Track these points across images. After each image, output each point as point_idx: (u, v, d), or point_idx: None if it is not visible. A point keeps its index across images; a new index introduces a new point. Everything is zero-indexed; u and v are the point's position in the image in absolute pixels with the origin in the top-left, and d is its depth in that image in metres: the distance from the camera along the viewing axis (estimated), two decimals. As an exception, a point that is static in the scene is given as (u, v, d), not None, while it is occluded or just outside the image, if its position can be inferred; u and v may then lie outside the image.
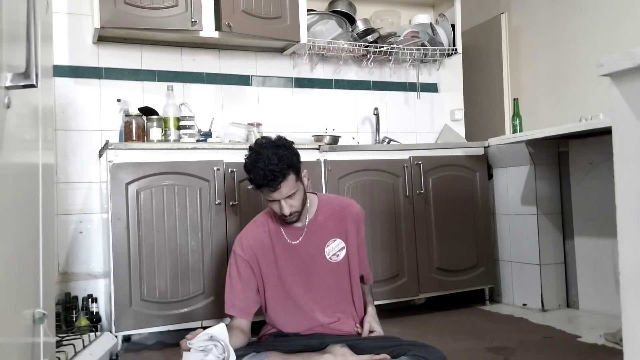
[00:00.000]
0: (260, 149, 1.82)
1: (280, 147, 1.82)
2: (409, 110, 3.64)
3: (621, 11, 3.14)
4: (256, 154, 1.82)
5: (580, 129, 2.49)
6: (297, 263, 1.97)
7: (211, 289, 2.53)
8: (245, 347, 1.85)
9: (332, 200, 2.09)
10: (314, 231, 1.99)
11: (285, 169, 1.79)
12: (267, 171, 1.77)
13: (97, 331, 2.41)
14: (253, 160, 1.82)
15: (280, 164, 1.78)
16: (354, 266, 2.03)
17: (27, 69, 1.07)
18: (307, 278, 1.97)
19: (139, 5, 2.68)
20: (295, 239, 1.98)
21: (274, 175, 1.77)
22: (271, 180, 1.78)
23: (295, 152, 1.88)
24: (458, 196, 3.07)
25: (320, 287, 1.98)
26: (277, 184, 1.80)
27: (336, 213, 2.04)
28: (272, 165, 1.77)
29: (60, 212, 2.74)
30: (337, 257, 2.00)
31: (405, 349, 1.80)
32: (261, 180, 1.80)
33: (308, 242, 1.98)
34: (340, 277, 2.01)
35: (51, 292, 1.47)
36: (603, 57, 1.16)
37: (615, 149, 1.17)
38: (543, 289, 2.96)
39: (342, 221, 2.03)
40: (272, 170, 1.77)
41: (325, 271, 1.99)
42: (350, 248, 2.02)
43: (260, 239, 1.98)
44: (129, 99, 2.90)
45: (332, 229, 2.01)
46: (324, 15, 3.31)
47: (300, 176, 1.89)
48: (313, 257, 1.98)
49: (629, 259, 1.14)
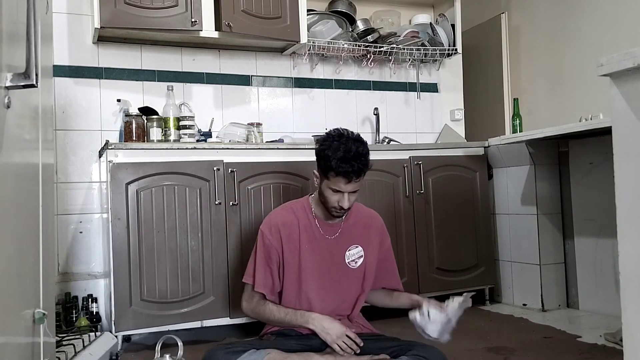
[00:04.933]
0: (348, 140, 1.83)
1: (362, 144, 1.85)
2: (409, 110, 3.64)
3: (621, 11, 3.14)
4: (345, 143, 1.82)
5: (580, 129, 2.49)
6: (317, 258, 1.97)
7: (211, 289, 2.53)
8: (245, 344, 1.86)
9: (359, 208, 2.09)
10: (345, 231, 2.01)
11: (368, 165, 1.84)
12: (359, 162, 1.80)
13: (97, 331, 2.41)
14: (343, 147, 1.81)
15: (366, 159, 1.83)
16: (368, 277, 2.03)
17: (27, 69, 1.07)
18: (323, 275, 1.97)
19: (139, 5, 2.68)
20: (331, 235, 1.99)
21: (361, 167, 1.81)
22: (357, 171, 1.81)
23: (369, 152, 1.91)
24: (458, 196, 3.07)
25: (332, 287, 1.98)
26: (360, 176, 1.83)
27: (362, 220, 2.05)
28: (359, 161, 1.80)
29: (60, 212, 2.74)
30: (355, 264, 2.00)
31: (405, 349, 1.80)
32: (348, 168, 1.80)
33: (338, 241, 1.99)
34: (352, 283, 2.01)
35: (51, 292, 1.47)
36: (603, 57, 1.16)
37: (615, 149, 1.18)
38: (543, 289, 2.96)
39: (367, 230, 2.05)
40: (363, 163, 1.81)
41: (341, 274, 1.99)
42: (368, 258, 2.02)
43: (289, 226, 1.98)
44: (129, 99, 2.90)
45: (356, 235, 2.02)
46: (324, 15, 3.31)
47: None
48: (335, 257, 1.99)
49: (629, 259, 1.14)
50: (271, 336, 1.98)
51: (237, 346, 1.82)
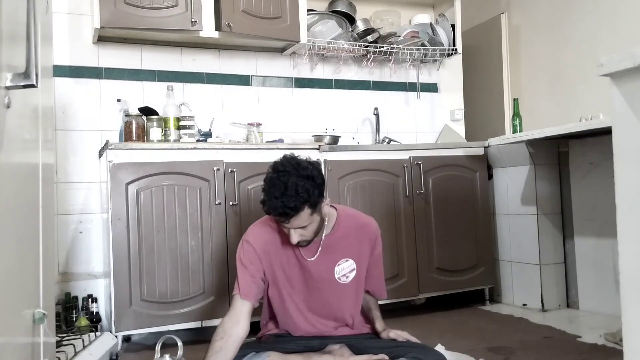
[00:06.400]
0: (281, 175, 1.70)
1: (302, 177, 1.69)
2: (409, 110, 3.64)
3: (621, 11, 3.13)
4: (276, 178, 1.70)
5: (580, 129, 2.49)
6: (304, 276, 1.90)
7: (211, 289, 2.53)
8: (245, 346, 1.85)
9: (351, 217, 1.97)
10: (328, 247, 1.89)
11: (299, 205, 1.67)
12: (280, 203, 1.66)
13: (97, 331, 2.41)
14: (270, 183, 1.72)
15: (297, 198, 1.66)
16: (361, 288, 1.97)
17: (27, 69, 1.07)
18: (310, 292, 1.91)
19: (139, 5, 2.68)
20: (310, 256, 1.87)
21: (285, 211, 1.67)
22: (281, 214, 1.69)
23: (319, 183, 1.74)
24: (458, 196, 3.07)
25: (321, 303, 1.92)
26: (286, 219, 1.70)
27: (353, 232, 1.93)
28: (286, 199, 1.65)
29: (60, 212, 2.74)
30: (346, 279, 1.91)
31: (405, 350, 1.79)
32: (271, 211, 1.71)
33: (321, 260, 1.88)
34: (344, 297, 1.93)
35: (51, 292, 1.47)
36: (603, 57, 1.16)
37: (615, 149, 1.18)
38: (543, 289, 2.96)
39: (358, 241, 1.93)
40: (284, 205, 1.66)
41: (330, 290, 1.90)
42: (360, 270, 1.93)
43: (273, 240, 1.88)
44: (129, 99, 2.90)
45: (346, 248, 1.91)
46: (324, 15, 3.31)
47: (319, 207, 1.76)
48: (321, 275, 1.89)
49: (629, 259, 1.14)
50: (270, 337, 1.98)
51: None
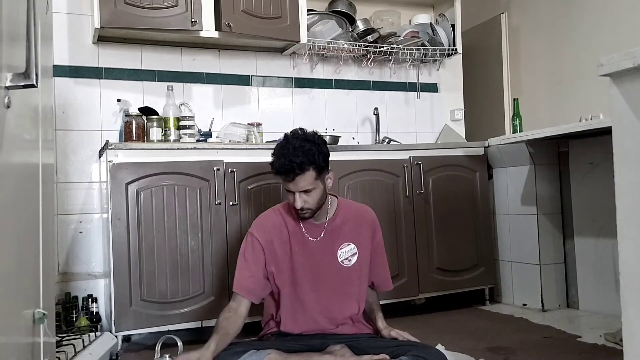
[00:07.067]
0: (290, 138, 1.86)
1: (309, 142, 1.84)
2: (409, 110, 3.64)
3: (621, 11, 3.14)
4: (285, 141, 1.86)
5: (580, 129, 2.49)
6: (309, 260, 1.95)
7: (211, 289, 2.53)
8: (245, 344, 1.85)
9: (350, 205, 2.09)
10: (331, 232, 1.98)
11: (305, 164, 1.80)
12: (287, 160, 1.79)
13: (97, 331, 2.41)
14: (280, 146, 1.86)
15: (302, 157, 1.80)
16: (364, 273, 2.01)
17: (27, 69, 1.07)
18: (316, 277, 1.95)
19: (139, 5, 2.68)
20: (315, 237, 1.97)
21: (292, 166, 1.79)
22: (288, 170, 1.81)
23: (324, 151, 1.87)
24: (458, 196, 3.07)
25: (327, 289, 1.96)
26: (292, 176, 1.81)
27: (353, 218, 2.03)
28: (294, 156, 1.79)
29: (60, 212, 2.74)
30: (348, 262, 1.98)
31: (405, 349, 1.79)
32: (279, 167, 1.83)
33: (325, 242, 1.97)
34: (349, 282, 1.98)
35: (51, 292, 1.47)
36: (603, 57, 1.16)
37: (615, 149, 1.18)
38: (543, 289, 2.96)
39: (357, 226, 2.02)
40: (291, 161, 1.79)
41: (335, 274, 1.96)
42: (362, 254, 2.00)
43: (279, 227, 1.97)
44: (129, 99, 2.90)
45: (347, 233, 1.99)
46: (324, 15, 3.31)
47: (322, 176, 1.88)
48: (326, 258, 1.96)
49: (629, 259, 1.14)
50: (271, 336, 1.99)
51: (238, 347, 1.82)
